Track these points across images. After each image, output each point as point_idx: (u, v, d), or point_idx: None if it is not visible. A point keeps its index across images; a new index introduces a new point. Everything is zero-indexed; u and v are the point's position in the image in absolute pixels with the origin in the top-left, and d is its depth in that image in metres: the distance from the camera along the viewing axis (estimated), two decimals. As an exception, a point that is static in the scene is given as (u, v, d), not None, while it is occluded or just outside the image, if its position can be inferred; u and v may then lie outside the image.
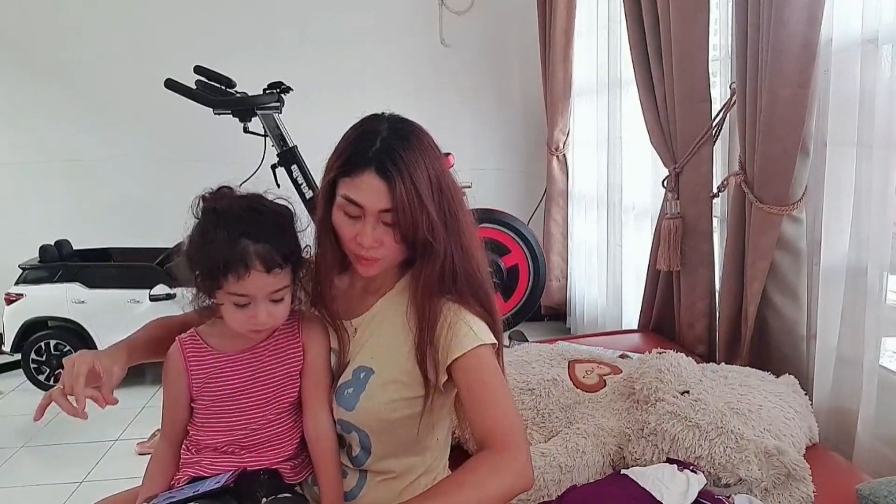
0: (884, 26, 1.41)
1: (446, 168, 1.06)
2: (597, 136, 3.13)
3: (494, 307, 1.09)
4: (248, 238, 1.00)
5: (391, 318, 1.11)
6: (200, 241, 1.03)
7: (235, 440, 1.09)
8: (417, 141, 1.03)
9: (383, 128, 1.03)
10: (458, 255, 1.05)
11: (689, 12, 1.91)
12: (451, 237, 1.04)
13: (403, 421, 1.08)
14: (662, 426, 1.31)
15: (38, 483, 2.41)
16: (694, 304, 2.07)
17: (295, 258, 1.05)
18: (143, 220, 3.61)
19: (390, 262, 1.07)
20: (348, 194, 1.01)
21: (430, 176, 1.01)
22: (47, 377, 3.15)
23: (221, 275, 1.00)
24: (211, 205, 1.05)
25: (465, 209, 1.08)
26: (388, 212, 1.00)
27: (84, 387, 1.03)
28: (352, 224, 1.03)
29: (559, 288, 3.71)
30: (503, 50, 3.92)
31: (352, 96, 3.67)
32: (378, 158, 0.99)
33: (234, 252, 0.99)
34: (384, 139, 1.01)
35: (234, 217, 1.02)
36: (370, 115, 1.08)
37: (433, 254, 1.03)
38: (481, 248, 1.10)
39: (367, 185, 0.99)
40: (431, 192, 1.01)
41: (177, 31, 3.66)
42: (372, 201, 1.00)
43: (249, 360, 1.10)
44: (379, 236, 1.02)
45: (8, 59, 3.68)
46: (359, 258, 1.05)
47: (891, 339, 1.54)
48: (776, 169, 1.61)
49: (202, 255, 1.02)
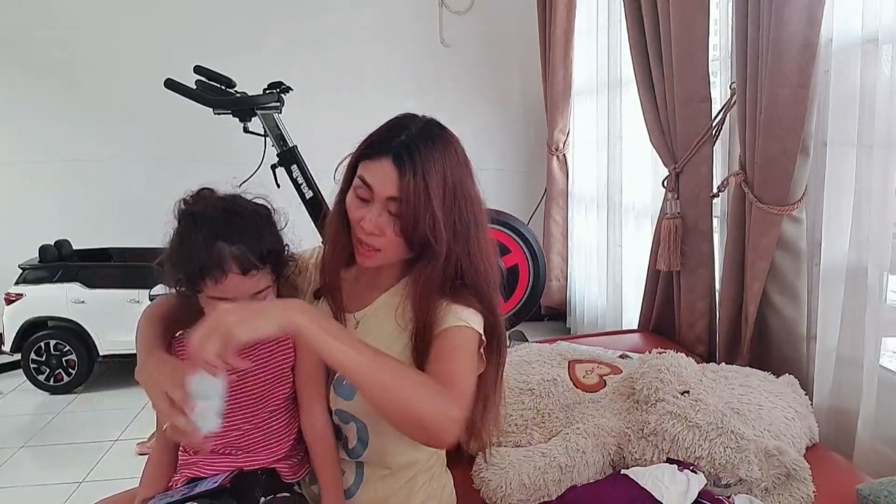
0: (884, 26, 1.40)
1: (469, 181, 1.08)
2: (597, 136, 3.13)
3: (498, 319, 1.10)
4: (223, 240, 0.99)
5: (391, 312, 1.12)
6: (178, 246, 1.03)
7: (231, 441, 1.09)
8: (443, 144, 1.05)
9: (415, 125, 1.06)
10: (465, 263, 1.06)
11: (689, 12, 1.91)
12: (457, 243, 1.05)
13: None
14: (662, 426, 1.31)
15: (38, 483, 2.41)
16: (694, 304, 2.07)
17: (273, 257, 1.05)
18: (143, 220, 3.58)
19: (390, 256, 1.08)
20: (363, 175, 1.05)
21: (445, 179, 1.03)
22: (47, 377, 3.15)
23: (199, 279, 1.00)
24: (188, 209, 1.05)
25: (482, 223, 1.09)
26: (394, 200, 1.02)
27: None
28: (360, 206, 1.05)
29: (559, 288, 3.72)
30: (503, 50, 3.92)
31: (352, 96, 3.67)
32: (398, 148, 1.02)
33: (210, 256, 0.99)
34: (410, 134, 1.04)
35: (209, 220, 1.02)
36: (410, 113, 1.11)
37: (434, 255, 1.03)
38: (494, 265, 1.11)
39: (381, 170, 1.02)
40: (444, 194, 1.02)
41: (177, 31, 3.67)
42: (381, 186, 1.02)
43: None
44: (381, 224, 1.03)
45: (8, 58, 3.68)
46: (360, 245, 1.07)
47: (891, 339, 1.54)
48: (776, 169, 1.61)
49: (180, 259, 1.02)
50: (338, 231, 1.10)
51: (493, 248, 1.11)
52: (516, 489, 1.30)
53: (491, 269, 1.10)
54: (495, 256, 1.12)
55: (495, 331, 1.09)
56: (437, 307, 1.05)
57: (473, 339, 1.05)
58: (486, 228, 1.10)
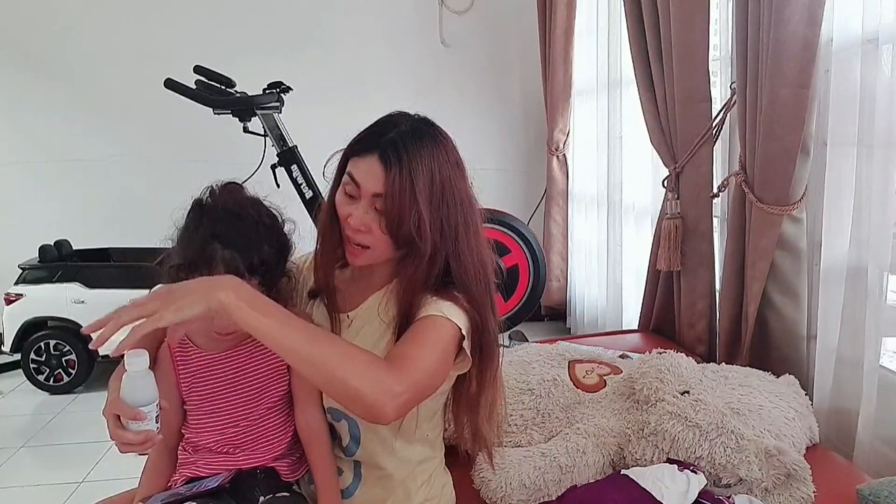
0: (884, 26, 1.40)
1: (460, 179, 1.07)
2: (597, 136, 3.13)
3: (486, 315, 1.07)
4: (218, 241, 1.00)
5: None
6: (182, 234, 1.05)
7: (228, 439, 1.09)
8: (432, 143, 1.05)
9: (405, 123, 1.06)
10: (453, 263, 1.05)
11: (689, 12, 1.91)
12: (445, 243, 1.04)
13: None
14: (662, 426, 1.31)
15: (38, 483, 2.41)
16: (694, 304, 2.07)
17: (264, 269, 1.03)
18: (143, 220, 3.57)
19: (378, 255, 1.07)
20: (351, 171, 1.05)
21: (433, 178, 1.02)
22: (47, 377, 3.15)
23: (186, 273, 1.00)
24: (204, 199, 1.06)
25: (472, 224, 1.08)
26: (380, 197, 1.02)
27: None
28: (348, 203, 1.05)
29: (559, 288, 3.71)
30: (503, 50, 3.92)
31: (352, 96, 3.67)
32: (385, 145, 1.02)
33: (202, 254, 0.99)
34: (400, 132, 1.04)
35: (212, 218, 1.03)
36: (401, 111, 1.10)
37: (419, 253, 1.03)
38: (487, 266, 1.10)
39: (368, 167, 1.02)
40: (430, 192, 1.02)
41: (177, 31, 3.66)
42: (368, 183, 1.02)
43: (235, 357, 1.10)
44: (367, 221, 1.03)
45: (8, 58, 3.68)
46: (349, 243, 1.07)
47: (891, 339, 1.54)
48: (776, 169, 1.61)
49: (179, 247, 1.03)
50: (328, 228, 1.10)
51: (486, 249, 1.10)
52: (516, 489, 1.30)
53: (483, 270, 1.08)
54: (490, 257, 1.11)
55: (483, 330, 1.07)
56: (421, 301, 1.04)
57: (447, 330, 1.01)
58: (479, 229, 1.09)
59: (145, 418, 0.89)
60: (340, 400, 0.94)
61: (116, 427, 0.91)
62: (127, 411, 0.89)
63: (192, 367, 1.10)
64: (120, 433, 0.91)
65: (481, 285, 1.08)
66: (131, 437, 0.91)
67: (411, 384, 0.93)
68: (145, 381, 0.90)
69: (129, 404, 0.89)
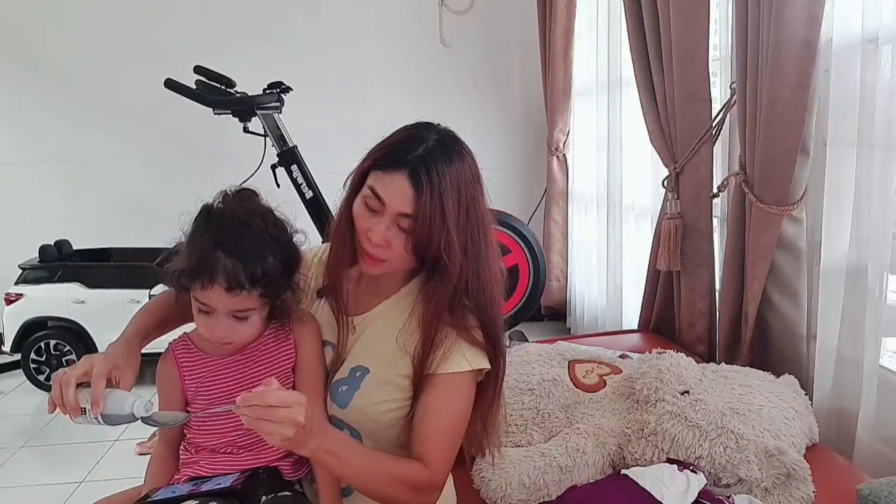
0: (884, 26, 1.40)
1: (481, 197, 1.07)
2: (597, 136, 3.13)
3: (499, 339, 1.10)
4: (222, 250, 0.98)
5: (392, 321, 1.12)
6: (189, 235, 1.04)
7: (231, 440, 1.09)
8: (459, 160, 1.03)
9: (431, 138, 1.04)
10: (472, 283, 1.05)
11: (689, 12, 1.91)
12: (468, 263, 1.04)
13: (394, 422, 1.10)
14: (662, 426, 1.31)
15: (38, 483, 2.41)
16: (694, 304, 2.07)
17: (266, 282, 1.02)
18: (143, 220, 3.61)
19: (395, 267, 1.08)
20: (375, 187, 1.02)
21: (460, 198, 1.01)
22: (47, 377, 3.15)
23: (188, 278, 1.00)
24: (215, 204, 1.05)
25: (492, 243, 1.08)
26: (406, 217, 1.00)
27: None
28: (368, 217, 1.03)
29: (559, 288, 3.72)
30: (503, 50, 3.92)
31: (352, 96, 3.67)
32: (414, 164, 1.00)
33: (206, 261, 0.98)
34: (427, 148, 1.01)
35: (219, 225, 1.02)
36: (425, 121, 1.08)
37: (447, 274, 1.03)
38: (499, 283, 1.10)
39: (396, 186, 1.00)
40: (458, 213, 1.01)
41: (177, 31, 3.67)
42: (395, 202, 1.00)
43: (241, 362, 1.10)
44: (389, 238, 1.02)
45: (8, 59, 3.68)
46: (365, 254, 1.06)
47: (891, 339, 1.53)
48: (776, 169, 1.61)
49: (184, 252, 1.02)
50: (343, 235, 1.09)
51: (500, 262, 1.11)
52: (516, 489, 1.30)
53: (497, 286, 1.09)
54: (502, 269, 1.11)
55: (495, 357, 1.09)
56: (443, 333, 1.05)
57: (471, 383, 1.08)
58: (495, 244, 1.09)
59: (92, 422, 0.97)
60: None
61: (69, 387, 0.96)
62: (94, 399, 0.96)
63: (198, 372, 1.10)
64: (69, 395, 0.96)
65: (496, 306, 1.09)
66: (71, 403, 0.96)
67: (442, 477, 1.07)
68: (120, 417, 0.98)
69: (106, 406, 0.97)
